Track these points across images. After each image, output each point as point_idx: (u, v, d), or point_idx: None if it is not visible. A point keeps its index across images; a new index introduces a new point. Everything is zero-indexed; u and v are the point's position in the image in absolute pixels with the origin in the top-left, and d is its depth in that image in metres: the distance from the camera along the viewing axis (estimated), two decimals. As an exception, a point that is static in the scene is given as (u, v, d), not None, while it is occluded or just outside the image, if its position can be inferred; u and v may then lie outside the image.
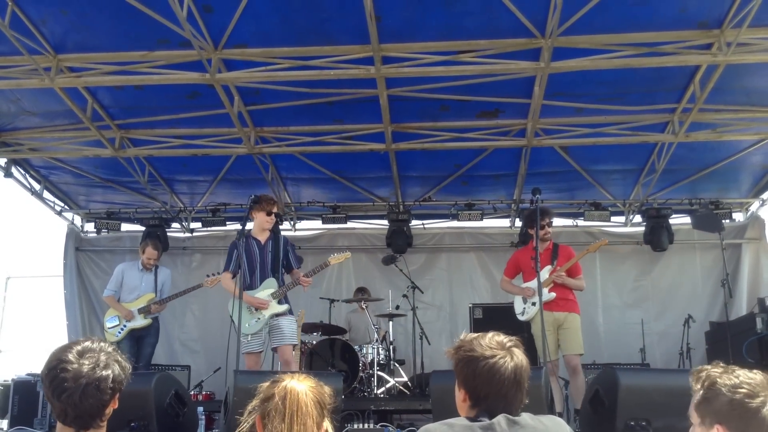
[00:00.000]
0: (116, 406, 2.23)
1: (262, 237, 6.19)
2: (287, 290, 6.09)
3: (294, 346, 6.36)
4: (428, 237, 10.71)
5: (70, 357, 2.14)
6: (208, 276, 7.49)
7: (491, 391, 2.26)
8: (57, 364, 2.14)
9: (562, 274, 6.42)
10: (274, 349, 6.05)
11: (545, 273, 6.42)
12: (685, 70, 6.98)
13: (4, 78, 6.90)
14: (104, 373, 2.14)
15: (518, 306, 6.66)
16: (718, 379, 2.14)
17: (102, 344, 2.23)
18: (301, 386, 2.18)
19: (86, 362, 2.14)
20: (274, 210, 6.19)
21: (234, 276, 6.07)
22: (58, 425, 2.19)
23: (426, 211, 10.44)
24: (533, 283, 6.11)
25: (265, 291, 6.03)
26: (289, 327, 6.05)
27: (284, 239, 6.37)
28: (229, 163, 9.20)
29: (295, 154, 8.74)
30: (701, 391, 2.16)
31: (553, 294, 6.35)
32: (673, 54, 6.35)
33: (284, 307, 6.05)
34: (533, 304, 6.28)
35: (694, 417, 2.19)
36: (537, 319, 5.93)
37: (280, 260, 6.18)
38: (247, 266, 6.06)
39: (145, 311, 7.37)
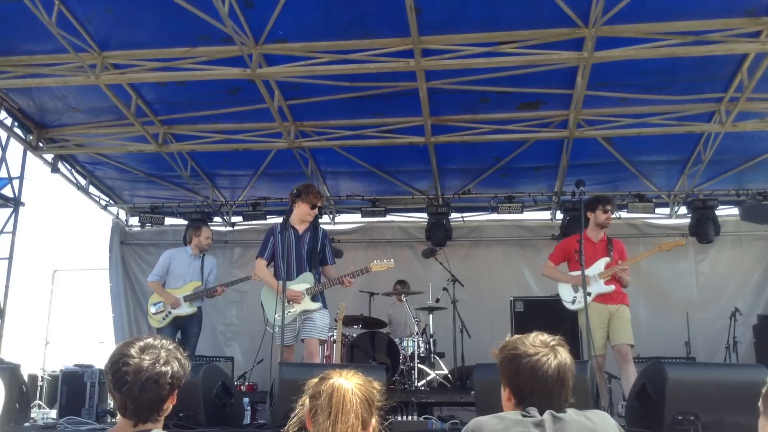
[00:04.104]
0: (174, 402, 2.29)
1: (301, 227, 6.03)
2: (323, 288, 5.95)
3: (322, 341, 6.20)
4: (468, 230, 10.67)
5: (133, 352, 2.21)
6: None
7: (535, 389, 2.26)
8: (120, 358, 2.21)
9: (626, 268, 6.24)
10: (303, 340, 5.92)
11: (601, 264, 6.28)
12: (732, 58, 6.82)
13: (51, 75, 7.07)
14: (164, 369, 2.21)
15: (567, 294, 6.40)
16: None
17: (164, 341, 2.30)
18: (348, 384, 2.18)
19: (147, 357, 2.20)
20: (319, 204, 6.08)
21: (268, 264, 6.00)
22: (119, 417, 2.26)
23: (465, 204, 10.38)
24: (587, 272, 5.95)
25: (301, 285, 5.87)
26: (322, 321, 5.93)
27: (323, 232, 6.21)
28: (269, 157, 9.29)
29: (334, 147, 8.77)
30: None
31: (612, 287, 6.20)
32: (720, 42, 6.21)
33: (317, 305, 5.89)
34: (588, 294, 6.05)
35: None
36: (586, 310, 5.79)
37: (316, 253, 6.02)
38: (281, 255, 5.92)
39: (191, 299, 7.23)
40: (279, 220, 6.25)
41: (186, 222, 10.31)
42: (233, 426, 4.86)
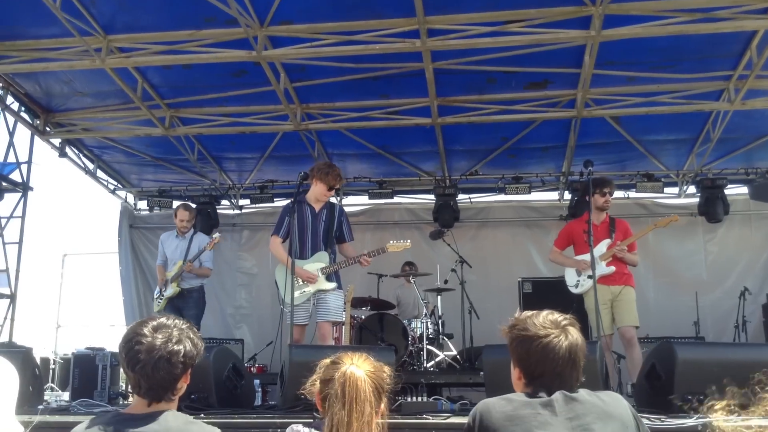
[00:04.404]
0: (188, 381, 2.32)
1: (317, 205, 5.97)
2: (339, 268, 5.90)
3: (335, 323, 6.18)
4: (475, 211, 10.66)
5: (146, 331, 2.24)
6: None
7: (546, 370, 2.26)
8: (133, 336, 2.24)
9: (624, 248, 6.28)
10: (318, 322, 5.90)
11: (603, 246, 6.31)
12: (742, 35, 6.74)
13: (56, 60, 7.06)
14: (176, 347, 2.23)
15: (571, 278, 6.51)
16: None
17: (176, 321, 2.32)
18: (360, 372, 2.21)
19: (159, 336, 2.23)
20: (337, 186, 6.05)
21: (284, 242, 5.95)
22: (134, 397, 2.29)
23: (473, 185, 10.35)
24: (588, 256, 6.00)
25: (315, 264, 5.83)
26: (336, 303, 5.90)
27: (339, 209, 6.16)
28: (275, 140, 9.27)
29: (340, 129, 8.75)
30: None
31: (612, 268, 6.24)
32: (729, 19, 6.12)
33: (332, 285, 5.84)
34: (588, 277, 6.14)
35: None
36: (591, 292, 5.83)
37: (333, 232, 5.96)
38: (298, 233, 5.84)
39: (174, 279, 7.24)
40: (286, 202, 6.22)
41: (194, 205, 10.34)
42: (244, 407, 4.90)
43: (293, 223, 5.82)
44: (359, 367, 2.22)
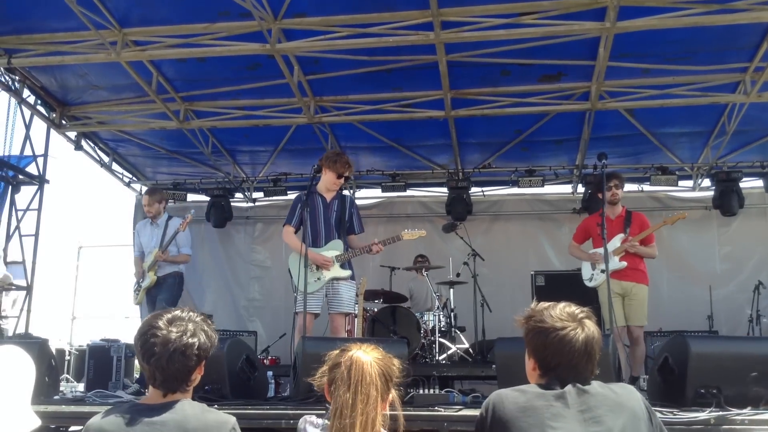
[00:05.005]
0: (202, 373, 2.35)
1: (328, 195, 5.94)
2: (353, 256, 5.88)
3: (347, 315, 6.09)
4: (488, 204, 10.64)
5: (160, 324, 2.28)
6: None
7: (561, 362, 2.27)
8: (148, 329, 2.28)
9: (636, 243, 6.27)
10: (330, 314, 5.88)
11: (617, 241, 6.31)
12: (758, 27, 6.67)
13: (72, 53, 7.11)
14: (191, 340, 2.27)
15: (586, 272, 6.57)
16: None
17: (191, 314, 2.36)
18: (367, 357, 2.23)
19: (174, 329, 2.27)
20: (347, 174, 5.97)
21: (296, 231, 5.93)
22: (150, 388, 2.33)
23: (486, 178, 10.35)
24: (602, 250, 5.99)
25: (331, 252, 5.78)
26: (348, 294, 5.86)
27: (350, 200, 6.14)
28: (289, 133, 9.30)
29: (354, 122, 8.75)
30: None
31: (624, 263, 6.24)
32: (746, 11, 6.05)
33: (347, 273, 5.82)
34: (602, 271, 6.15)
35: None
36: (604, 286, 5.84)
37: (344, 222, 5.95)
38: (311, 223, 5.78)
39: (150, 267, 6.81)
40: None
41: (208, 198, 10.42)
42: (257, 399, 4.93)
43: (306, 214, 5.79)
44: (367, 354, 2.25)
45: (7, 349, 2.24)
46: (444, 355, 7.65)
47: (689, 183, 10.18)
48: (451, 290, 8.52)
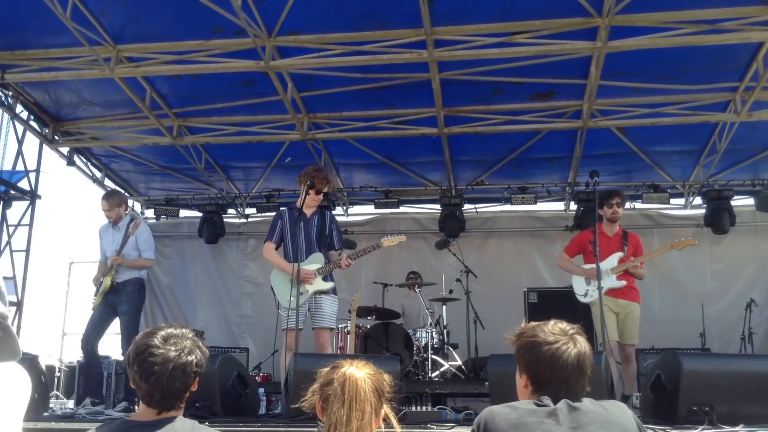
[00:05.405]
0: (195, 389, 2.35)
1: (308, 211, 5.95)
2: (334, 268, 5.87)
3: (331, 329, 6.08)
4: (481, 221, 10.66)
5: (156, 342, 2.26)
6: None
7: (553, 377, 2.27)
8: (144, 349, 2.26)
9: (638, 264, 6.27)
10: (313, 329, 5.87)
11: (615, 259, 6.31)
12: (748, 47, 6.75)
13: (66, 69, 7.12)
14: (189, 358, 2.28)
15: (580, 287, 6.46)
16: None
17: (184, 330, 2.36)
18: (360, 373, 2.22)
19: (172, 348, 2.26)
20: (325, 190, 5.98)
21: (277, 247, 5.94)
22: (142, 407, 2.30)
23: (478, 195, 10.37)
24: (600, 266, 5.97)
25: (312, 265, 5.78)
26: (330, 309, 5.85)
27: (330, 215, 6.17)
28: (282, 149, 9.30)
29: (347, 139, 8.78)
30: None
31: (624, 282, 6.24)
32: (735, 31, 6.13)
33: (329, 285, 5.82)
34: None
35: None
36: (598, 302, 5.82)
37: (325, 236, 5.98)
38: (290, 238, 5.85)
39: (110, 271, 6.53)
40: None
41: (201, 214, 10.40)
42: (249, 416, 4.91)
43: (286, 229, 5.85)
44: (359, 369, 2.24)
45: (6, 367, 2.22)
46: (437, 372, 7.63)
47: (681, 201, 10.24)
48: (444, 307, 8.51)
